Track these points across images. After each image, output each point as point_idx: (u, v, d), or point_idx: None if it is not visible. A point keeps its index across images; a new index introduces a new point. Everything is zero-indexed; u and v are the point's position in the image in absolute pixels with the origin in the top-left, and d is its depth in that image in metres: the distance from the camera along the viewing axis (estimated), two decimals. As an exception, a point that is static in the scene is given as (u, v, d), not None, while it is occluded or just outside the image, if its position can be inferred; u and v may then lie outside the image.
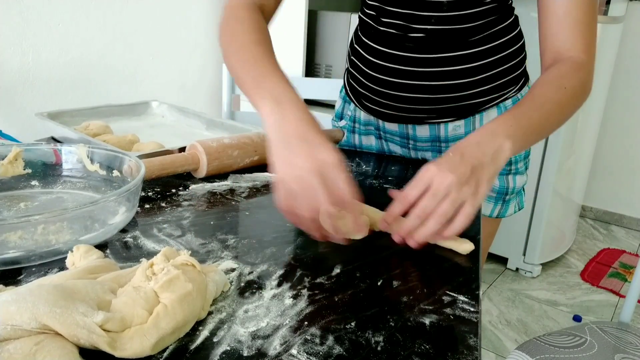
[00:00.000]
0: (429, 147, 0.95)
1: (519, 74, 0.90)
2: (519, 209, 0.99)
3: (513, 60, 0.88)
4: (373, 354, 0.41)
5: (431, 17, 0.81)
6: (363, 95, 0.94)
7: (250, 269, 0.53)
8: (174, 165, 0.75)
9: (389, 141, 1.00)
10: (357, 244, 0.60)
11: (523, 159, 0.94)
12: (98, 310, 0.39)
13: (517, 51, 0.89)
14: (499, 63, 0.86)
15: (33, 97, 1.57)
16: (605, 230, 2.79)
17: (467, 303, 0.49)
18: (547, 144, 2.08)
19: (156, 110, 1.12)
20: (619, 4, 2.03)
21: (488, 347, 1.78)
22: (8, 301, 0.37)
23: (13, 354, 0.35)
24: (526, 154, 0.95)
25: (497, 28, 0.85)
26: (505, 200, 0.95)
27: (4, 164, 0.68)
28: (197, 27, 2.08)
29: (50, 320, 0.36)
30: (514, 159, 0.93)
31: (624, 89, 2.63)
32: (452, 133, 0.91)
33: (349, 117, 1.04)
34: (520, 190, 0.97)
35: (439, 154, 0.94)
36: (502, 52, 0.86)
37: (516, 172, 0.94)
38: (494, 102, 0.89)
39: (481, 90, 0.87)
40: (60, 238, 0.53)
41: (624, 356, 1.00)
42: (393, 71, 0.87)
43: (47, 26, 1.57)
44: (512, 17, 0.88)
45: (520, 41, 0.90)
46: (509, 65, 0.87)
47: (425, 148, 0.96)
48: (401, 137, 0.97)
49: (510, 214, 0.97)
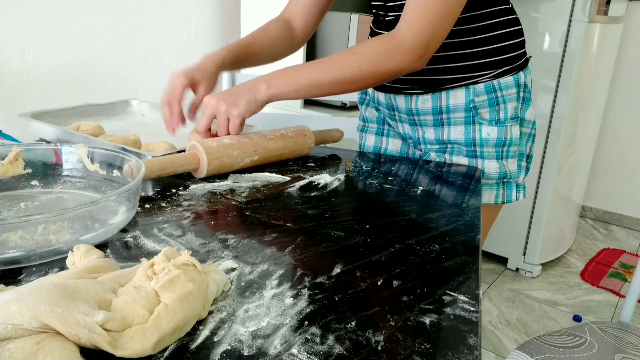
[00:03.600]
0: (407, 120, 1.01)
1: (496, 60, 0.92)
2: (504, 201, 0.99)
3: (488, 45, 0.91)
4: (373, 353, 0.41)
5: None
6: None
7: (251, 268, 0.53)
8: (174, 165, 0.75)
9: (382, 114, 1.08)
10: (357, 244, 0.60)
11: (494, 145, 0.94)
12: (99, 310, 0.39)
13: (496, 38, 0.91)
14: (471, 44, 0.90)
15: (33, 97, 1.57)
16: (605, 230, 2.79)
17: (467, 303, 0.49)
18: (547, 144, 2.08)
19: (135, 108, 1.12)
20: (619, 4, 2.03)
21: (488, 347, 1.78)
22: (9, 300, 0.37)
23: (14, 353, 0.35)
24: (499, 140, 0.93)
25: (481, 11, 0.89)
26: (505, 183, 0.98)
27: (4, 164, 0.68)
28: (197, 27, 2.08)
29: (51, 320, 0.36)
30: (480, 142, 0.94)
31: (624, 89, 2.63)
32: (421, 106, 0.97)
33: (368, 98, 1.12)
34: (507, 182, 0.98)
35: (414, 126, 1.01)
36: (477, 35, 0.90)
37: (482, 155, 0.95)
38: (462, 82, 0.92)
39: (450, 66, 0.91)
40: (60, 238, 0.53)
41: (624, 356, 1.00)
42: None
43: (47, 26, 1.57)
44: (501, 5, 0.91)
45: (502, 30, 0.91)
46: (481, 49, 0.90)
47: (405, 120, 1.02)
48: (388, 110, 1.04)
49: (488, 202, 0.98)
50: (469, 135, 0.94)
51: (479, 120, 0.93)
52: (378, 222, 0.67)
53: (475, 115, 0.93)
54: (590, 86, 2.11)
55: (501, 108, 0.93)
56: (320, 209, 0.71)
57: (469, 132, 0.94)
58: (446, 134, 0.96)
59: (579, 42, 1.92)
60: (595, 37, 1.98)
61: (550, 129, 2.05)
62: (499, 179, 0.96)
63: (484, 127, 0.93)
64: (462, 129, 0.94)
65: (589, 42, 1.96)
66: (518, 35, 0.94)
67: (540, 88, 2.01)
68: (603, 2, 1.93)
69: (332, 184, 0.81)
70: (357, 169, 0.89)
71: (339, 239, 0.62)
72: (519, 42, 0.94)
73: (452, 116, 0.95)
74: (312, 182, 0.81)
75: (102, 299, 0.40)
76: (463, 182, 0.86)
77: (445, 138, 0.96)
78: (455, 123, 0.95)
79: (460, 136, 0.95)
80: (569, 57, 1.95)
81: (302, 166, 0.89)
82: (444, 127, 0.96)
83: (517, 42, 0.93)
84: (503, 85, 0.92)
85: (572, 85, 1.98)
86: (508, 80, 0.92)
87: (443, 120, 0.96)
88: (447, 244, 0.62)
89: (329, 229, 0.64)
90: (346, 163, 0.93)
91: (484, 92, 0.92)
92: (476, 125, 0.93)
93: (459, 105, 0.93)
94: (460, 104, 0.93)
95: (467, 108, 0.93)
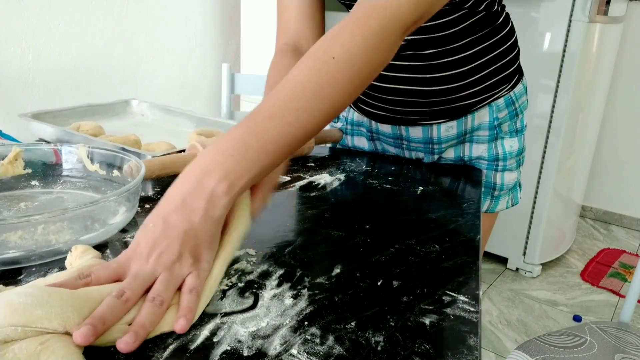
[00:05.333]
0: (422, 148, 0.95)
1: (510, 72, 0.90)
2: (512, 204, 0.99)
3: (503, 59, 0.88)
4: (373, 353, 0.41)
5: None
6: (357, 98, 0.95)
7: (251, 268, 0.53)
8: (174, 165, 0.75)
9: (383, 142, 1.00)
10: (357, 244, 0.60)
11: (515, 156, 0.93)
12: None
13: (507, 50, 0.88)
14: (489, 64, 0.86)
15: (33, 98, 1.57)
16: (605, 230, 2.79)
17: (467, 303, 0.49)
18: (547, 144, 2.08)
19: (135, 108, 1.12)
20: (619, 4, 2.03)
21: (488, 347, 1.78)
22: (29, 304, 0.37)
23: (17, 353, 0.35)
24: (518, 151, 0.94)
25: (485, 31, 0.84)
26: (495, 196, 0.95)
27: (4, 164, 0.68)
28: (197, 27, 2.08)
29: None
30: (503, 156, 0.92)
31: (624, 89, 2.63)
32: (445, 134, 0.92)
33: (343, 119, 1.05)
34: (514, 186, 0.97)
35: (431, 155, 0.95)
36: (492, 53, 0.86)
37: (504, 169, 0.93)
38: (486, 101, 0.89)
39: (473, 91, 0.87)
40: (60, 238, 0.53)
41: (624, 356, 1.00)
42: (383, 77, 0.87)
43: (47, 26, 1.57)
44: (501, 17, 0.87)
45: (511, 39, 0.89)
46: (499, 64, 0.87)
47: (419, 149, 0.96)
48: (395, 139, 0.97)
49: (502, 209, 0.97)
50: (491, 151, 0.92)
51: (501, 135, 0.91)
52: (378, 222, 0.67)
53: (499, 132, 0.91)
54: (590, 86, 2.11)
55: (519, 118, 0.92)
56: (320, 209, 0.71)
57: (492, 149, 0.92)
58: (467, 152, 0.94)
59: (579, 42, 1.92)
60: (595, 37, 1.98)
61: (550, 129, 2.05)
62: (513, 185, 0.96)
63: (505, 141, 0.92)
64: (486, 147, 0.92)
65: (589, 42, 1.96)
66: (516, 39, 0.93)
67: (540, 88, 2.01)
68: (603, 2, 1.93)
69: (332, 184, 0.81)
70: (357, 169, 0.89)
71: (339, 239, 0.62)
72: (517, 46, 0.94)
73: (475, 134, 0.92)
74: (312, 182, 0.81)
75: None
76: (463, 182, 0.86)
77: (466, 155, 0.94)
78: (479, 141, 0.92)
79: (483, 153, 0.93)
80: (569, 57, 1.94)
81: (302, 166, 0.89)
82: (465, 145, 0.94)
83: (518, 47, 0.93)
84: (518, 95, 0.91)
85: (572, 85, 1.98)
86: (520, 88, 0.91)
87: (465, 139, 0.93)
88: (447, 244, 0.62)
89: (329, 229, 0.64)
90: (346, 163, 0.93)
91: (504, 106, 0.90)
92: (498, 140, 0.92)
93: (483, 123, 0.90)
94: (485, 122, 0.90)
95: (492, 126, 0.90)
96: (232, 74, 1.47)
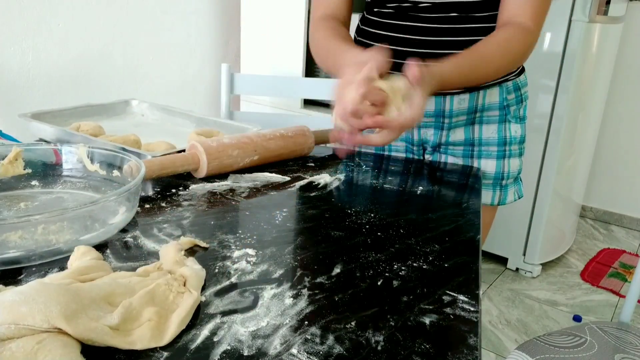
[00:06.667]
0: (433, 123, 0.96)
1: None
2: (519, 197, 1.01)
3: None
4: (373, 353, 0.41)
5: None
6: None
7: (251, 268, 0.53)
8: (174, 165, 0.75)
9: None
10: (357, 244, 0.60)
11: (519, 143, 0.97)
12: (112, 314, 0.40)
13: None
14: None
15: (33, 97, 1.57)
16: (605, 230, 2.79)
17: (467, 303, 0.49)
18: (547, 144, 2.08)
19: (135, 108, 1.11)
20: (619, 4, 2.03)
21: (488, 347, 1.78)
22: (16, 301, 0.37)
23: (15, 352, 0.35)
24: (521, 138, 0.98)
25: None
26: (503, 185, 0.98)
27: (4, 164, 0.68)
28: (197, 27, 2.08)
29: (64, 324, 0.37)
30: (508, 141, 0.96)
31: (624, 89, 2.63)
32: (457, 107, 0.93)
33: None
34: (517, 177, 1.00)
35: (440, 131, 0.96)
36: None
37: (510, 154, 0.96)
38: (497, 81, 0.92)
39: None
40: (60, 238, 0.53)
41: (624, 356, 1.00)
42: (403, 41, 0.90)
43: (47, 26, 1.57)
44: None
45: None
46: None
47: (429, 124, 0.97)
48: None
49: (511, 201, 0.99)
50: (501, 133, 0.95)
51: (509, 118, 0.95)
52: (378, 222, 0.67)
53: (507, 114, 0.95)
54: (590, 86, 2.11)
55: (522, 106, 0.96)
56: (320, 209, 0.71)
57: (501, 131, 0.95)
58: (477, 133, 0.96)
59: (579, 42, 1.92)
60: (595, 37, 1.98)
61: (550, 129, 2.05)
62: (517, 174, 0.99)
63: (512, 125, 0.95)
64: (495, 127, 0.95)
65: (589, 42, 1.96)
66: None
67: (540, 88, 2.01)
68: (603, 2, 1.93)
69: (332, 184, 0.81)
70: (357, 169, 0.89)
71: (339, 239, 0.62)
72: None
73: (485, 115, 0.95)
74: (312, 182, 0.81)
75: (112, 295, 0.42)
76: (463, 182, 0.86)
77: (476, 137, 0.96)
78: (489, 122, 0.95)
79: (493, 135, 0.95)
80: (569, 57, 1.94)
81: (302, 166, 0.89)
82: (475, 126, 0.96)
83: None
84: (522, 83, 0.95)
85: (572, 85, 1.97)
86: (524, 78, 0.96)
87: (475, 119, 0.95)
88: (447, 244, 0.62)
89: (329, 229, 0.64)
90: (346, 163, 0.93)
91: (512, 89, 0.94)
92: (506, 123, 0.95)
93: (493, 103, 0.94)
94: (494, 102, 0.94)
95: (501, 106, 0.94)
96: (231, 74, 1.47)
